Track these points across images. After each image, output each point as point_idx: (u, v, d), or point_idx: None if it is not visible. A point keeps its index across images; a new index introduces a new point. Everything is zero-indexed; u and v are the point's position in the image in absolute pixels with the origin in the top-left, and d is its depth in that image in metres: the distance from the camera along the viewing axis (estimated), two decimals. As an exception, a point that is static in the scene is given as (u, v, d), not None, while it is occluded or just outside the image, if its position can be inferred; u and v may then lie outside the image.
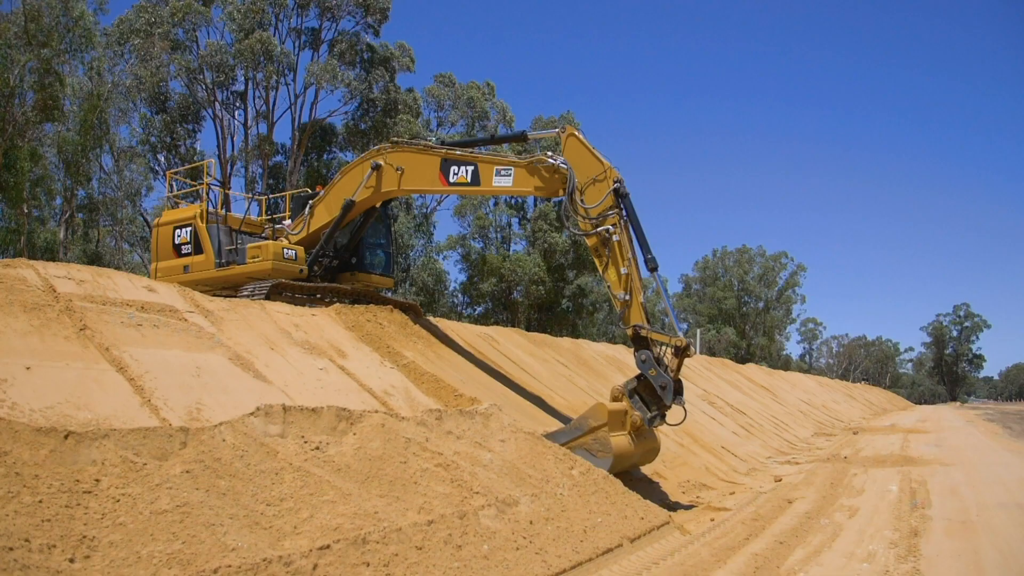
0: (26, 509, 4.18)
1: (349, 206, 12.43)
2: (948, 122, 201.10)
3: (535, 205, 49.80)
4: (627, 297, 9.95)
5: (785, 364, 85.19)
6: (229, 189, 27.91)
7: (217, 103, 32.35)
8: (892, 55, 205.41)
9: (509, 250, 48.35)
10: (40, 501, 4.30)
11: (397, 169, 11.93)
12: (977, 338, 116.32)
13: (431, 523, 5.70)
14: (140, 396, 6.22)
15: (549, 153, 10.71)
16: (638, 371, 9.95)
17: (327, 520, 5.29)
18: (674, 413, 10.08)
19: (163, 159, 31.87)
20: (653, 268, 10.10)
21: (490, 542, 5.88)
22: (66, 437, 4.81)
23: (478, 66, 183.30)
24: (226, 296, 11.09)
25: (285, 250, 12.46)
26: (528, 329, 28.38)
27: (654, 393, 9.76)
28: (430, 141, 12.46)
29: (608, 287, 10.27)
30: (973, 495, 11.16)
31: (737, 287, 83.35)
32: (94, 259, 28.86)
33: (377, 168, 12.12)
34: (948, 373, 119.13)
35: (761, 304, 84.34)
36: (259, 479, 5.46)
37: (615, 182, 10.05)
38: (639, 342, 9.86)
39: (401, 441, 6.94)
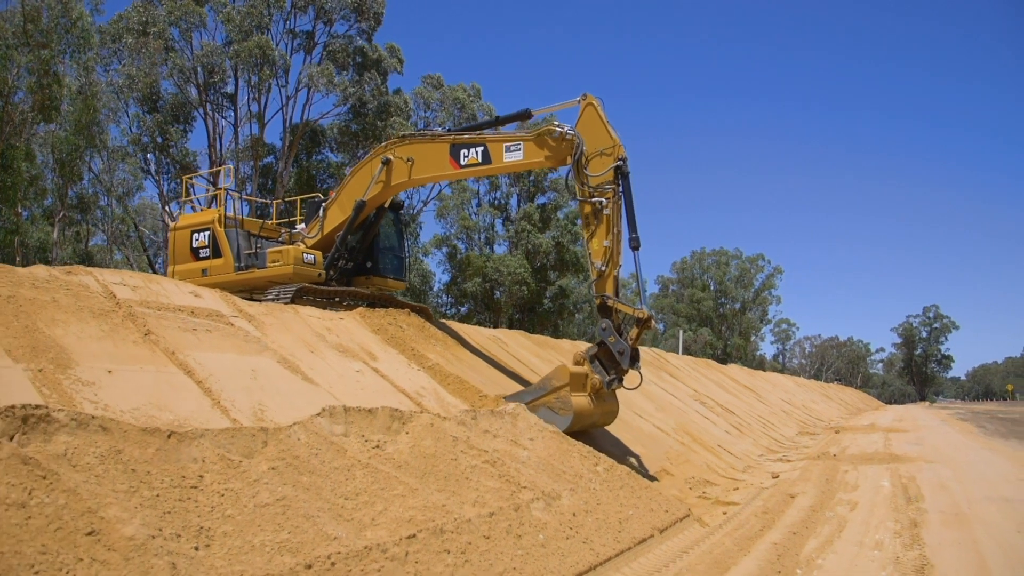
0: (148, 503, 4.57)
1: (361, 206, 12.82)
2: (920, 125, 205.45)
3: (518, 206, 50.41)
4: (604, 268, 10.56)
5: (759, 364, 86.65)
6: (215, 189, 28.11)
7: (209, 104, 32.40)
8: (862, 56, 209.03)
9: (492, 251, 48.84)
10: (158, 495, 4.70)
11: (407, 160, 12.32)
12: (946, 339, 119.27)
13: (492, 515, 6.16)
14: (210, 398, 6.61)
15: (557, 122, 11.08)
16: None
17: (400, 512, 5.72)
18: (631, 379, 10.79)
19: (152, 159, 31.82)
20: (635, 247, 10.67)
21: (544, 532, 6.36)
22: (169, 436, 5.20)
23: (464, 67, 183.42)
24: (243, 299, 11.43)
25: (305, 254, 12.82)
26: (511, 329, 28.93)
27: (613, 359, 10.49)
28: (437, 131, 12.88)
29: (589, 254, 10.83)
30: (961, 490, 11.85)
31: (715, 288, 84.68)
32: (84, 259, 28.81)
33: (387, 163, 12.52)
34: (918, 373, 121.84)
35: (738, 305, 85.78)
36: (334, 475, 5.88)
37: (619, 159, 10.52)
38: (604, 311, 10.56)
39: (449, 439, 7.39)
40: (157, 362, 6.75)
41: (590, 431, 11.25)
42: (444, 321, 14.96)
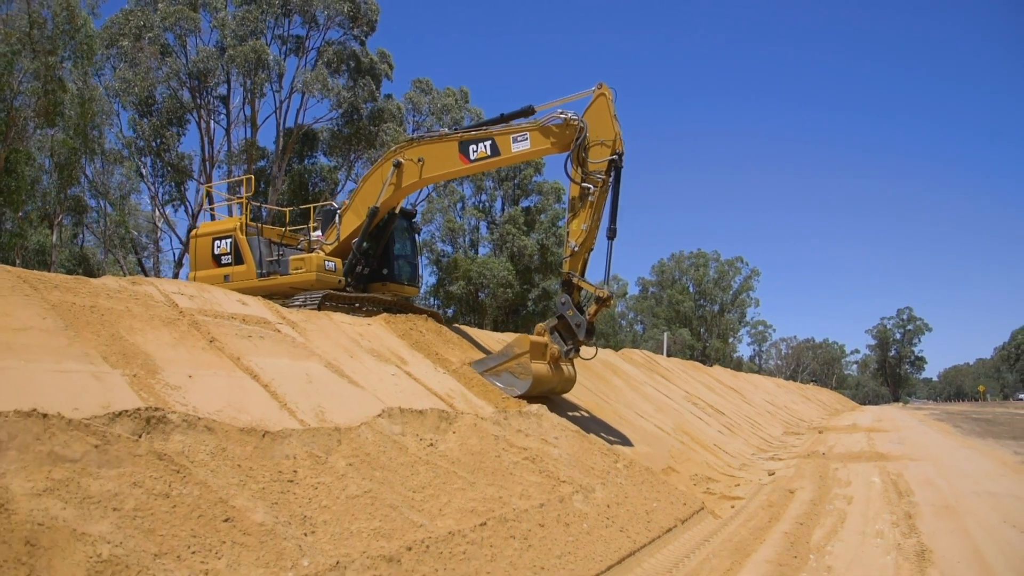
0: (257, 495, 5.14)
1: (374, 212, 13.37)
2: (898, 127, 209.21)
3: (503, 209, 51.11)
4: (576, 248, 11.46)
5: (737, 366, 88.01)
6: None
7: (203, 109, 32.66)
8: (835, 54, 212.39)
9: (477, 253, 49.50)
10: (263, 488, 5.26)
11: (418, 161, 12.91)
12: (919, 341, 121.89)
13: (542, 506, 6.79)
14: (277, 401, 7.14)
15: (560, 110, 11.71)
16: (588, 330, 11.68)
17: (463, 504, 6.33)
18: (587, 351, 12.09)
19: (148, 162, 32.02)
20: (611, 237, 11.62)
21: (587, 521, 7.01)
22: (263, 436, 5.77)
23: (452, 68, 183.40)
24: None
25: (326, 262, 13.34)
26: (495, 331, 29.55)
27: (571, 331, 11.53)
28: (444, 131, 13.52)
29: (567, 234, 11.72)
30: (947, 485, 12.67)
31: (693, 291, 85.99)
32: (81, 261, 28.96)
33: (398, 166, 13.09)
34: (891, 375, 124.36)
35: (716, 307, 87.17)
36: (401, 470, 6.48)
37: (616, 153, 11.30)
38: (567, 287, 11.55)
39: (491, 438, 8.00)
40: (226, 367, 7.28)
41: (550, 396, 12.32)
42: (455, 326, 15.54)
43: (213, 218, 17.67)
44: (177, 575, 3.91)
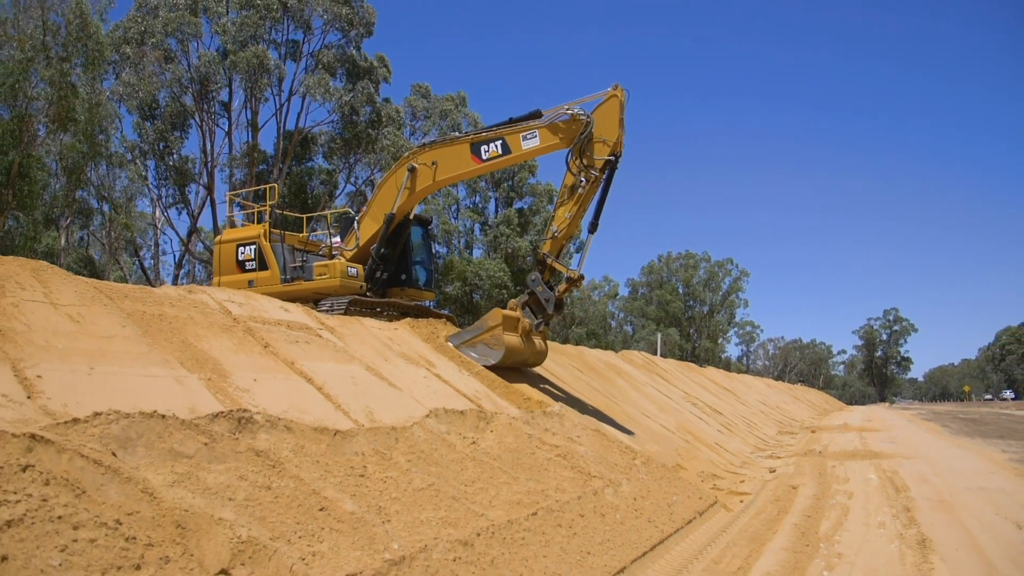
0: (339, 487, 5.70)
1: (391, 219, 13.94)
2: (887, 128, 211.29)
3: (496, 211, 51.75)
4: (557, 234, 12.37)
5: (726, 366, 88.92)
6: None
7: (205, 113, 33.05)
8: (816, 53, 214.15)
9: (472, 255, 50.13)
10: (341, 482, 5.82)
11: (432, 164, 13.52)
12: (905, 341, 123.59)
13: (579, 498, 7.39)
14: (331, 402, 7.69)
15: (565, 107, 12.31)
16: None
17: (509, 496, 6.91)
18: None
19: (152, 166, 32.39)
20: (592, 231, 12.54)
21: (619, 513, 7.61)
22: (335, 435, 6.33)
23: (453, 73, 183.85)
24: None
25: (349, 268, 13.88)
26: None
27: (541, 306, 12.47)
28: (455, 135, 14.15)
29: (552, 219, 12.62)
30: (940, 481, 13.36)
31: (683, 291, 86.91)
32: (87, 264, 29.27)
33: (413, 171, 13.69)
34: (878, 375, 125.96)
35: (706, 308, 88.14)
36: (453, 466, 7.05)
37: (614, 155, 12.02)
38: (540, 265, 12.50)
39: (525, 436, 8.59)
40: (283, 371, 7.82)
41: (523, 368, 13.21)
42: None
43: (215, 223, 18.08)
44: (292, 556, 4.47)
